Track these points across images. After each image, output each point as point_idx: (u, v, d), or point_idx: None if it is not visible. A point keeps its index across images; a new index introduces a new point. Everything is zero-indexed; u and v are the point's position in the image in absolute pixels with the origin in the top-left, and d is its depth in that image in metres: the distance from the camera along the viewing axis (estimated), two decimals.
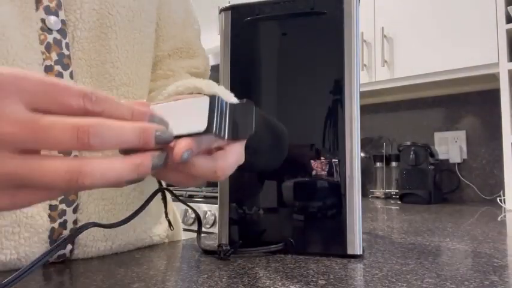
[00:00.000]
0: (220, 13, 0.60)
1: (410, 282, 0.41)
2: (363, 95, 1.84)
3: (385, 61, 1.62)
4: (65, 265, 0.49)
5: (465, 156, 1.72)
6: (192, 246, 0.60)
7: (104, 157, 0.25)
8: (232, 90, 0.57)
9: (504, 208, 1.33)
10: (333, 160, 0.53)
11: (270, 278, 0.42)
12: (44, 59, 0.48)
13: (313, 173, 0.53)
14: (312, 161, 0.53)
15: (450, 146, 1.74)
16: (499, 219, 1.00)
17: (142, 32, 0.60)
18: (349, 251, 0.52)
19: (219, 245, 0.55)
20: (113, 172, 0.26)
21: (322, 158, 0.53)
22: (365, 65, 1.67)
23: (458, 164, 1.72)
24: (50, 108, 0.24)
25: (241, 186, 0.56)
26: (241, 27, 0.58)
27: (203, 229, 1.82)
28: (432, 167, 1.55)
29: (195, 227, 1.87)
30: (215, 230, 1.77)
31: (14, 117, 0.23)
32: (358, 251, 0.51)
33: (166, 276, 0.43)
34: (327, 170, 0.53)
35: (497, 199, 1.53)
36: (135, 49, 0.58)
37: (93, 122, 0.24)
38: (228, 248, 0.54)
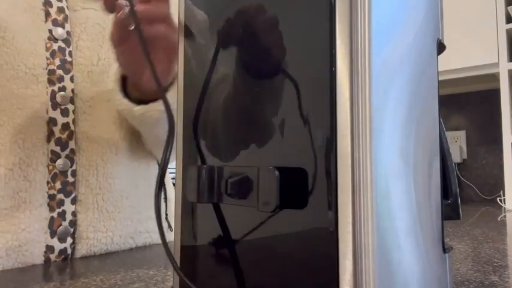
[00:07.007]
0: None
1: None
2: None
3: None
4: (65, 265, 0.49)
5: (465, 156, 1.72)
6: None
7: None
8: None
9: (504, 208, 1.33)
10: None
11: None
12: (48, 64, 0.55)
13: None
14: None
15: (450, 146, 1.74)
16: (499, 219, 1.00)
17: None
18: None
19: None
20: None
21: None
22: None
23: (458, 164, 1.72)
24: None
25: None
26: None
27: None
28: None
29: None
30: None
31: None
32: None
33: (166, 276, 0.43)
34: None
35: (497, 199, 1.53)
36: None
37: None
38: None
